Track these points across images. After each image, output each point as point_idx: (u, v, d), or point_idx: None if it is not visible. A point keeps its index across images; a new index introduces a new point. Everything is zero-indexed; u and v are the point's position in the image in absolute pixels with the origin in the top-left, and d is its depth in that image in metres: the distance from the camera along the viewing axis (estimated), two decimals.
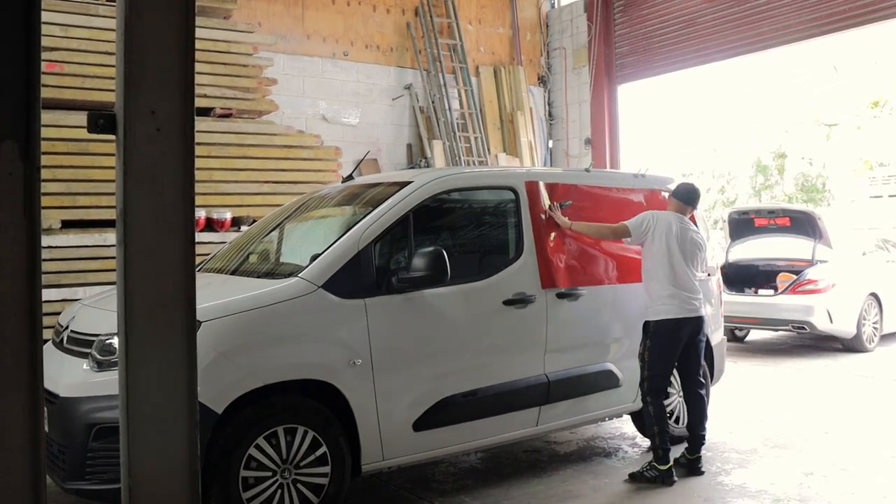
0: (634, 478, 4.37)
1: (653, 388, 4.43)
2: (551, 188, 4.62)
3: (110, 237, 6.10)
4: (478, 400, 4.09)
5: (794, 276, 8.96)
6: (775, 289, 9.09)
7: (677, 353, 4.48)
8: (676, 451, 4.55)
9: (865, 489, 4.22)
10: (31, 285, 1.46)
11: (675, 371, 4.67)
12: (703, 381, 4.68)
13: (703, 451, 4.58)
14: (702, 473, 4.46)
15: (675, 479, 4.33)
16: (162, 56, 1.60)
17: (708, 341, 5.28)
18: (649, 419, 4.43)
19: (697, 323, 4.48)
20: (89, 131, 1.66)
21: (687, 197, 4.66)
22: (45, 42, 6.24)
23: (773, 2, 9.64)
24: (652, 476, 4.33)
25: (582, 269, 4.59)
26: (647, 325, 4.51)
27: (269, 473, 3.45)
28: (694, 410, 4.57)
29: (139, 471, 1.61)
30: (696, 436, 4.54)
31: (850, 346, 8.92)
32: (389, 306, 3.80)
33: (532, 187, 4.52)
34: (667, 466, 4.33)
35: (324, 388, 3.62)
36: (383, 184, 4.48)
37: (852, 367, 8.05)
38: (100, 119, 1.62)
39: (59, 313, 4.76)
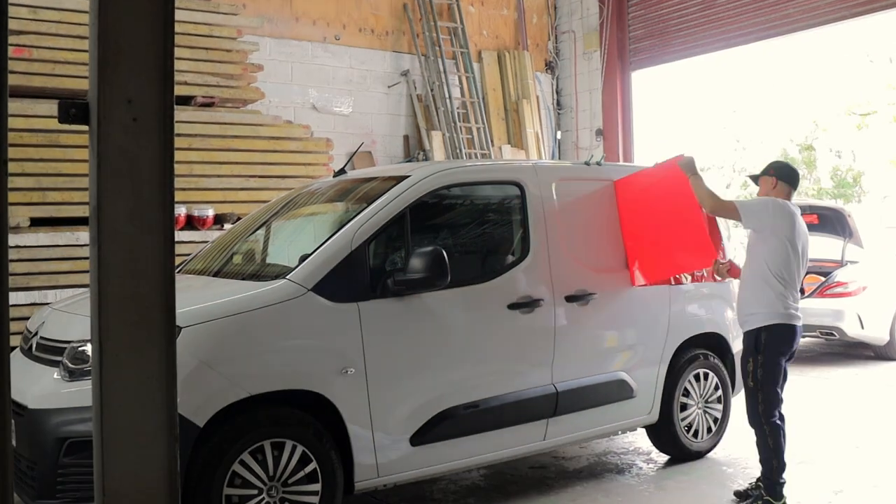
0: None
1: (770, 411, 4.12)
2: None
3: (83, 236, 6.09)
4: (480, 412, 4.09)
5: (822, 279, 8.96)
6: (802, 292, 9.06)
7: (785, 366, 4.19)
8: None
9: None
10: None
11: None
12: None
13: (724, 468, 4.58)
14: None
15: None
16: (138, 40, 1.60)
17: (729, 349, 5.28)
18: (766, 451, 4.13)
19: (800, 336, 4.27)
20: (60, 121, 1.66)
21: (794, 178, 4.37)
22: (11, 25, 6.23)
23: None
24: None
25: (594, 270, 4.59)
26: (756, 336, 4.16)
27: (255, 491, 3.45)
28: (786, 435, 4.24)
29: (114, 488, 1.61)
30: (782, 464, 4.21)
31: (883, 353, 8.92)
32: (385, 311, 3.80)
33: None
34: (781, 501, 4.15)
35: (314, 400, 3.62)
36: (378, 178, 4.48)
37: (885, 376, 8.05)
38: (71, 108, 1.62)
39: (27, 318, 4.76)
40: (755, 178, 4.54)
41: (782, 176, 4.35)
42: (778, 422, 4.15)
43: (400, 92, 10.49)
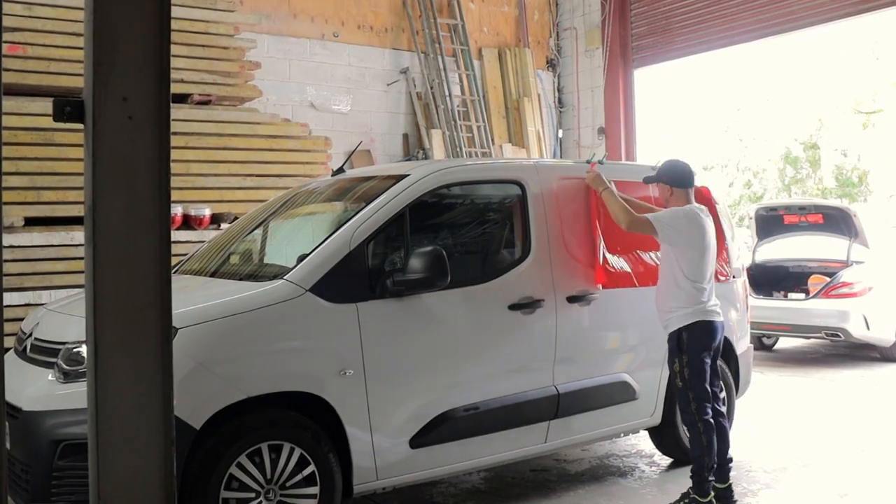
0: None
1: (703, 408, 4.19)
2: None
3: (78, 236, 6.10)
4: (481, 414, 4.09)
5: (828, 279, 8.96)
6: (807, 292, 9.09)
7: (710, 363, 4.28)
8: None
9: None
10: None
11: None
12: (723, 400, 4.51)
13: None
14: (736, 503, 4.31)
15: None
16: (134, 37, 1.60)
17: (733, 350, 5.29)
18: (699, 448, 4.18)
19: (723, 330, 4.40)
20: (55, 119, 1.66)
21: (685, 179, 4.39)
22: (5, 22, 6.25)
23: None
24: None
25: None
26: (678, 336, 4.26)
27: (253, 495, 3.45)
28: (719, 434, 4.28)
29: (109, 492, 1.61)
30: (723, 463, 4.30)
31: (889, 355, 8.91)
32: (384, 311, 3.80)
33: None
34: (708, 499, 4.19)
35: (312, 402, 3.62)
36: (377, 177, 4.48)
37: (891, 378, 8.05)
38: (66, 106, 1.62)
39: (21, 319, 4.76)
40: (650, 180, 4.57)
41: (674, 182, 4.38)
42: (711, 419, 4.22)
43: (399, 90, 10.49)
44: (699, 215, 4.32)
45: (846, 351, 9.62)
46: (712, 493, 4.21)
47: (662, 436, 5.02)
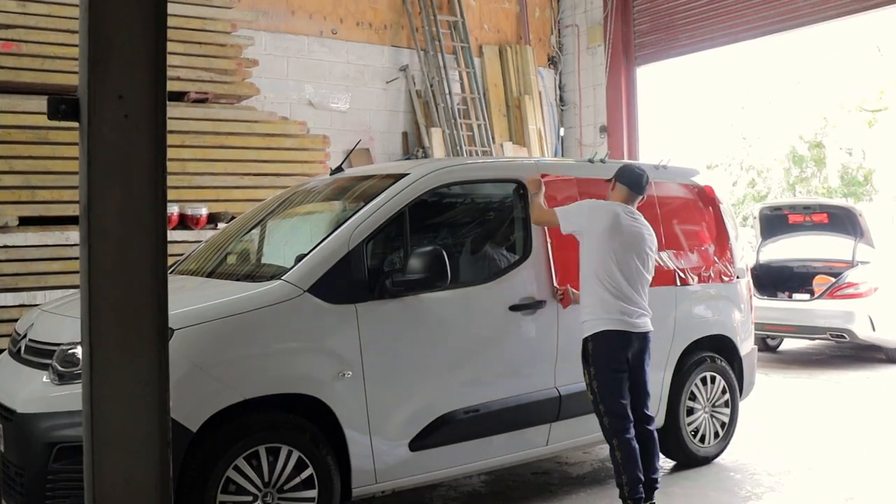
0: None
1: (618, 425, 4.02)
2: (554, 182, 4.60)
3: (73, 235, 6.09)
4: (481, 416, 4.09)
5: (833, 279, 8.96)
6: (811, 293, 9.08)
7: (625, 375, 4.07)
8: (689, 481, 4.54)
9: None
10: None
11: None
12: (650, 413, 4.24)
13: (732, 474, 4.57)
14: None
15: None
16: (130, 34, 1.60)
17: (737, 351, 5.29)
18: (617, 465, 4.03)
19: (644, 341, 4.12)
20: (50, 118, 1.66)
21: (636, 182, 4.22)
22: (0, 19, 6.25)
23: None
24: None
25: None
26: (585, 346, 4.11)
27: (250, 498, 3.44)
28: (646, 450, 4.12)
29: (105, 495, 1.61)
30: (650, 480, 4.12)
31: (895, 356, 8.92)
32: (383, 312, 3.80)
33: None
34: None
35: (310, 404, 3.62)
36: (376, 176, 4.48)
37: None
38: (61, 104, 1.62)
39: (16, 320, 4.76)
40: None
41: (621, 178, 4.25)
42: (629, 436, 4.02)
43: (399, 88, 10.49)
44: (611, 207, 4.15)
45: (851, 352, 9.62)
46: None
47: (665, 438, 5.01)
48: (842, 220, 9.22)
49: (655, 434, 4.25)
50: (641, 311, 4.11)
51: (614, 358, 4.05)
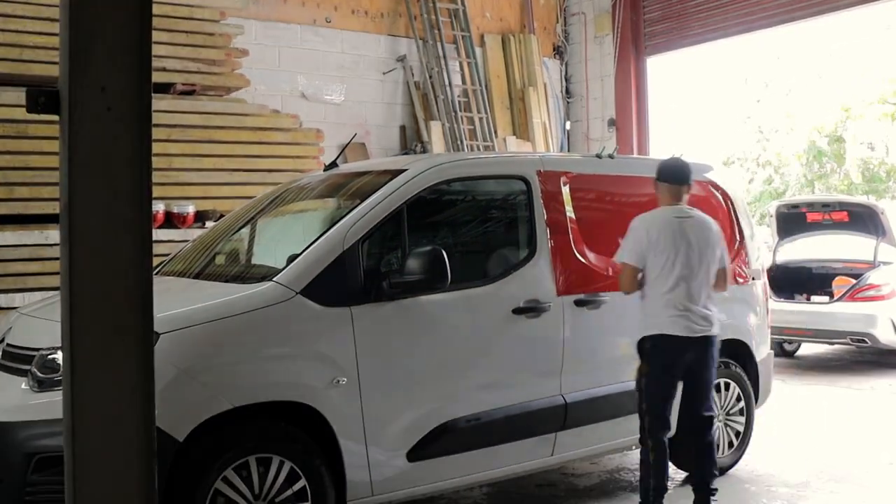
0: None
1: (656, 427, 4.19)
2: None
3: (53, 235, 6.10)
4: (483, 425, 4.09)
5: (853, 281, 8.96)
6: (831, 295, 9.09)
7: (677, 380, 4.26)
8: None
9: None
10: None
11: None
12: (707, 414, 4.38)
13: (747, 486, 4.58)
14: None
15: None
16: (113, 23, 1.60)
17: (752, 357, 5.29)
18: (646, 469, 4.18)
19: (706, 345, 4.25)
20: (28, 111, 1.66)
21: (676, 175, 4.33)
22: None
23: None
24: None
25: (604, 272, 4.59)
26: (642, 343, 4.29)
27: None
28: (702, 453, 4.31)
29: None
30: (703, 485, 4.29)
31: None
32: (379, 315, 3.81)
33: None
34: None
35: (303, 412, 3.62)
36: (372, 172, 4.48)
37: None
38: (41, 96, 1.62)
39: None
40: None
41: (661, 175, 4.36)
42: (665, 441, 4.20)
43: (396, 79, 10.49)
44: (665, 217, 4.25)
45: (873, 358, 9.62)
46: None
47: (677, 448, 5.01)
48: (863, 219, 9.22)
49: (713, 440, 4.41)
50: (705, 313, 4.22)
51: (670, 362, 4.20)
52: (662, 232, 4.21)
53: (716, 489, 4.33)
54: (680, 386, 4.35)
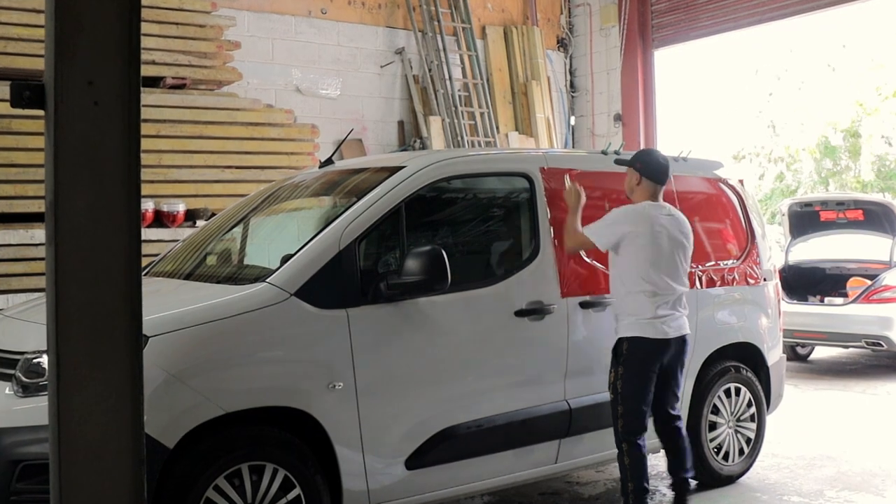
0: None
1: (630, 428, 4.21)
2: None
3: (38, 234, 6.10)
4: (484, 432, 4.09)
5: (869, 282, 8.96)
6: (845, 297, 9.08)
7: (653, 382, 4.29)
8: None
9: None
10: None
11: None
12: (675, 413, 4.45)
13: (758, 495, 4.57)
14: None
15: None
16: (101, 14, 1.60)
17: (764, 361, 5.29)
18: (624, 472, 4.22)
19: (681, 344, 4.33)
20: (13, 105, 1.66)
21: (663, 175, 4.40)
22: None
23: None
24: None
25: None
26: (619, 345, 4.29)
27: None
28: (675, 448, 4.41)
29: None
30: (680, 479, 4.40)
31: None
32: (377, 318, 3.81)
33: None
34: None
35: (297, 418, 3.62)
36: (369, 169, 4.48)
37: None
38: (26, 90, 1.62)
39: None
40: (621, 163, 4.58)
41: (645, 170, 4.38)
42: (641, 443, 4.23)
43: (394, 72, 10.49)
44: (649, 213, 4.29)
45: (890, 362, 9.62)
46: None
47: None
48: (878, 217, 9.22)
49: (683, 431, 4.46)
50: (680, 311, 4.31)
51: (647, 364, 4.24)
52: (646, 229, 4.24)
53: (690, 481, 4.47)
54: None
